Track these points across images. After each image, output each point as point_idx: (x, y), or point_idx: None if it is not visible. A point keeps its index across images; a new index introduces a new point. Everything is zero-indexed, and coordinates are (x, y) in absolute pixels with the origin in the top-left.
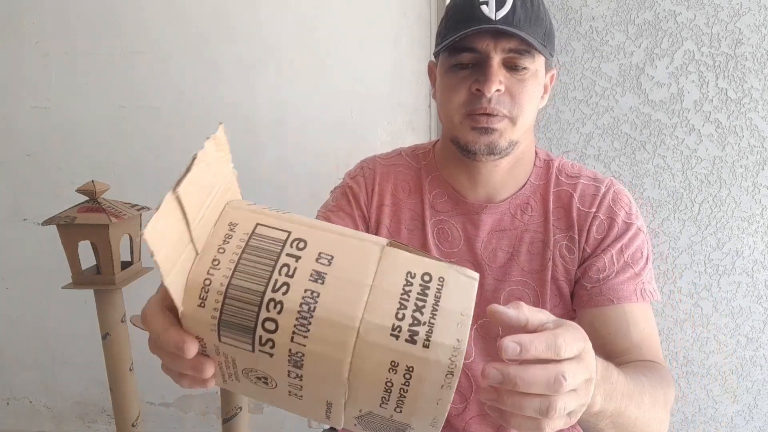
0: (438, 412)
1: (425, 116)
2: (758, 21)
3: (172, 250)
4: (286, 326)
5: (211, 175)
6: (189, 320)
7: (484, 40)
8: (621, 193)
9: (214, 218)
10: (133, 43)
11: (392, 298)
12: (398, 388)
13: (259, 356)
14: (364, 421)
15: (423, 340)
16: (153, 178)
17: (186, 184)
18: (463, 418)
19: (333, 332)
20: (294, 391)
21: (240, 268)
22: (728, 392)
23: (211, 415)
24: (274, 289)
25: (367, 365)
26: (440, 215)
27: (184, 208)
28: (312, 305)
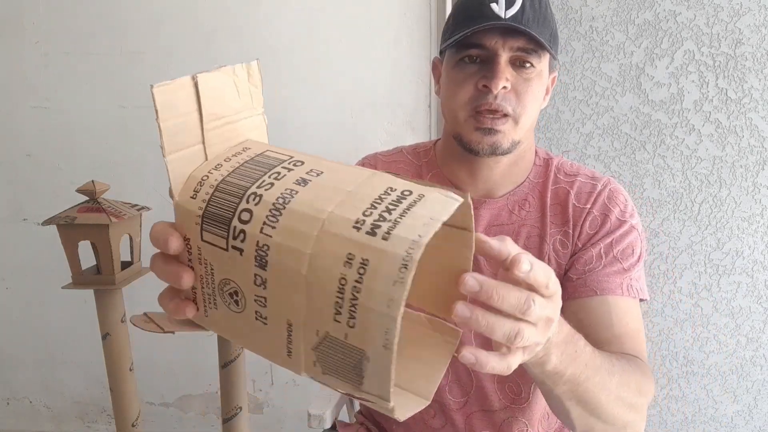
0: (389, 321)
1: (425, 116)
2: (758, 21)
3: (180, 135)
4: (258, 216)
5: (238, 101)
6: (180, 211)
7: (493, 38)
8: (617, 191)
9: (231, 140)
10: (133, 43)
11: (365, 201)
12: (351, 287)
13: (231, 255)
14: (321, 352)
15: (383, 233)
16: (153, 178)
17: (206, 77)
18: (465, 412)
19: (300, 224)
20: (259, 311)
21: (237, 171)
22: (728, 392)
23: (211, 415)
24: (258, 186)
25: (325, 260)
26: None
27: (200, 97)
28: (287, 200)
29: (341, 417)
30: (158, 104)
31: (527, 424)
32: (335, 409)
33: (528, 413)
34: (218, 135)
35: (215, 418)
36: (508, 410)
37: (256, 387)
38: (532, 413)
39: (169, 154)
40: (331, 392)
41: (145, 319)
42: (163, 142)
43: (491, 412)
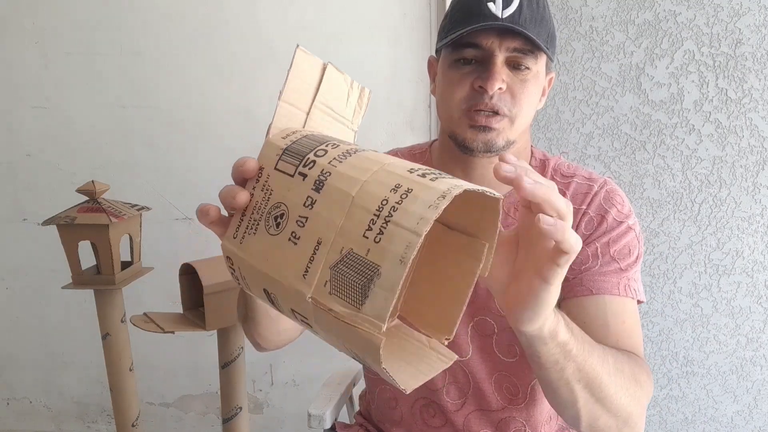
0: (413, 237)
1: (425, 116)
2: (758, 21)
3: (297, 95)
4: (331, 154)
5: (344, 108)
6: (268, 145)
7: (490, 38)
8: (614, 192)
9: (325, 129)
10: (133, 43)
11: (420, 169)
12: (390, 207)
13: (295, 180)
14: (337, 271)
15: (433, 177)
16: (153, 178)
17: (332, 71)
18: (463, 413)
19: (364, 162)
20: (295, 232)
21: (324, 134)
22: (728, 392)
23: (211, 415)
24: (337, 142)
25: (374, 187)
26: None
27: (321, 81)
28: (359, 150)
29: (341, 418)
30: (296, 61)
31: (525, 424)
32: (335, 409)
33: (525, 414)
34: (319, 117)
35: (215, 418)
36: (505, 410)
37: (256, 387)
38: (529, 414)
39: (283, 101)
40: (331, 392)
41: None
42: (284, 89)
43: (489, 412)
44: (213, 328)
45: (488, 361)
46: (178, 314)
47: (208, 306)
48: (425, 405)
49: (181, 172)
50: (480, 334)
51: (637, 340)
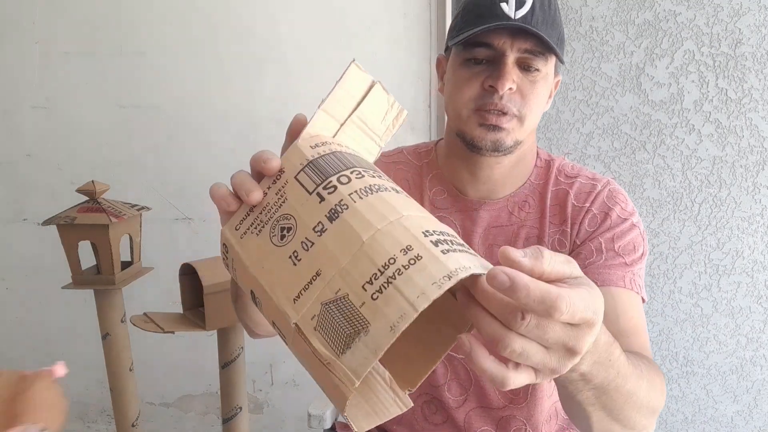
0: (410, 309)
1: (425, 116)
2: (758, 21)
3: (337, 106)
4: (353, 185)
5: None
6: (294, 150)
7: (501, 38)
8: (617, 191)
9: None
10: (133, 43)
11: (438, 227)
12: (396, 269)
13: (310, 199)
14: (327, 310)
15: (444, 249)
16: (153, 178)
17: (378, 91)
18: (464, 410)
19: (382, 207)
20: (298, 252)
21: (353, 155)
22: (728, 392)
23: (211, 415)
24: (364, 170)
25: (386, 240)
26: (440, 212)
27: (364, 98)
28: (381, 189)
29: (341, 418)
30: (347, 74)
31: (526, 423)
32: (335, 409)
33: (526, 412)
34: (352, 130)
35: (215, 418)
36: (506, 409)
37: (256, 387)
38: (530, 413)
39: (323, 110)
40: None
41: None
42: (327, 99)
43: (490, 409)
44: (213, 328)
45: None
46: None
47: (208, 306)
48: (426, 402)
49: (181, 172)
50: None
51: (645, 337)
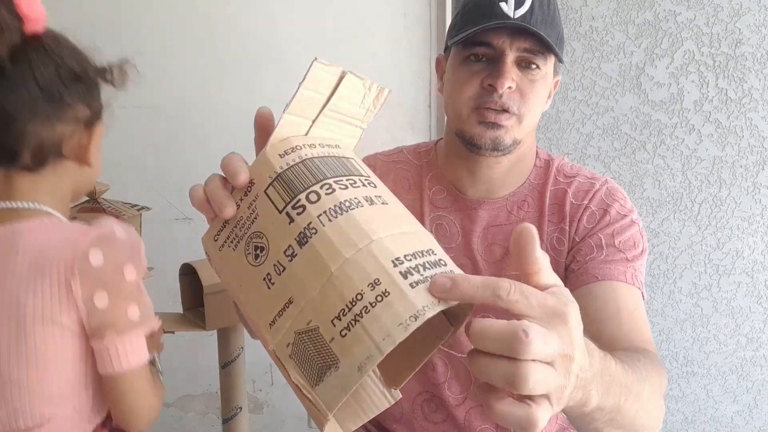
0: (376, 351)
1: (425, 116)
2: (758, 21)
3: (305, 104)
4: (323, 204)
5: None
6: (262, 160)
7: (501, 37)
8: (616, 189)
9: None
10: (133, 43)
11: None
12: (363, 306)
13: (280, 218)
14: (300, 340)
15: (413, 281)
16: (153, 178)
17: (351, 80)
18: (464, 408)
19: (352, 231)
20: (271, 276)
21: (325, 159)
22: (728, 392)
23: (211, 415)
24: (335, 181)
25: (354, 272)
26: (439, 211)
27: (336, 89)
28: (353, 207)
29: None
30: (310, 74)
31: None
32: None
33: None
34: (327, 123)
35: (215, 418)
36: None
37: (256, 387)
38: None
39: (288, 113)
40: None
41: None
42: (291, 102)
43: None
44: (213, 328)
45: None
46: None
47: (208, 306)
48: (426, 400)
49: (181, 172)
50: None
51: (647, 331)
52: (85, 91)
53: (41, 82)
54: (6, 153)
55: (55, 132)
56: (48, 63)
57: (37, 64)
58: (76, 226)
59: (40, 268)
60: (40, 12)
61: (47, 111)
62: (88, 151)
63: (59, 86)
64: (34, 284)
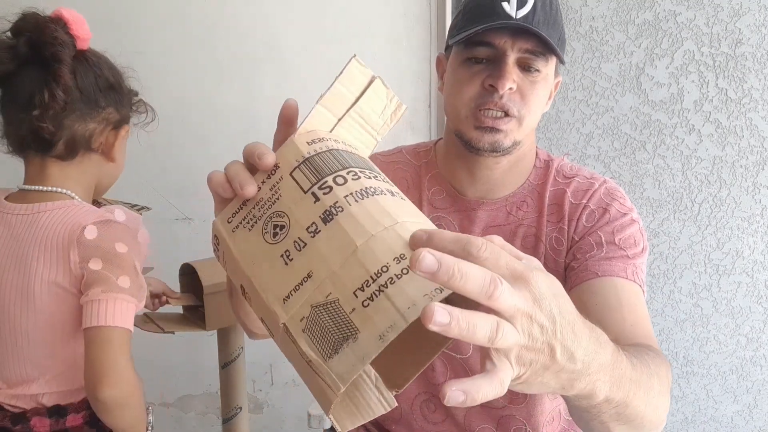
0: (400, 319)
1: (425, 116)
2: (758, 21)
3: (336, 101)
4: (349, 187)
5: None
6: (290, 145)
7: (502, 37)
8: (615, 189)
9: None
10: (133, 43)
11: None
12: (388, 277)
13: (305, 198)
14: (317, 312)
15: None
16: (153, 178)
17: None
18: (463, 409)
19: (377, 212)
20: (290, 252)
21: (349, 153)
22: (728, 392)
23: (211, 415)
24: (360, 171)
25: (380, 246)
26: (438, 212)
27: (365, 92)
28: (377, 193)
29: None
30: (346, 71)
31: (525, 423)
32: None
33: (526, 413)
34: (350, 125)
35: (215, 418)
36: (506, 408)
37: (256, 387)
38: (530, 413)
39: (321, 105)
40: None
41: (145, 319)
42: (326, 94)
43: (490, 408)
44: (213, 328)
45: None
46: (178, 314)
47: (208, 306)
48: (426, 400)
49: (181, 172)
50: None
51: (649, 326)
52: (116, 99)
53: (81, 86)
54: (45, 142)
55: (88, 128)
56: (89, 72)
57: (81, 73)
58: (87, 209)
59: (49, 241)
60: (87, 33)
61: (83, 110)
62: (113, 148)
63: (96, 91)
64: (43, 253)
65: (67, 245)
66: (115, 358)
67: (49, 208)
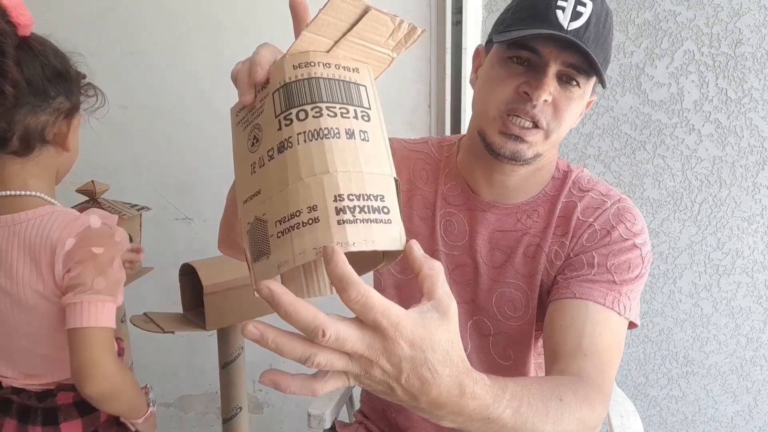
0: (291, 261)
1: (425, 116)
2: (758, 21)
3: (324, 28)
4: (306, 125)
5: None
6: (279, 64)
7: (548, 47)
8: (626, 210)
9: (356, 55)
10: (133, 43)
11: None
12: (297, 222)
13: (274, 123)
14: (254, 224)
15: (343, 219)
16: (153, 178)
17: (375, 15)
18: None
19: (316, 158)
20: (255, 166)
21: (333, 83)
22: (728, 392)
23: (211, 415)
24: (328, 107)
25: (302, 192)
26: (450, 207)
27: (359, 21)
28: (330, 137)
29: (341, 417)
30: (330, 4)
31: None
32: (335, 409)
33: None
34: (351, 46)
35: (215, 418)
36: None
37: (256, 387)
38: None
39: (308, 31)
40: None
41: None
42: (311, 22)
43: None
44: (213, 328)
45: (485, 361)
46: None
47: (208, 306)
48: None
49: (181, 172)
50: (478, 333)
51: (607, 359)
52: (65, 87)
53: (29, 77)
54: None
55: (40, 121)
56: (35, 61)
57: (26, 63)
58: (68, 219)
59: (35, 253)
60: (28, 18)
61: (33, 102)
62: (67, 138)
63: (44, 81)
64: (29, 265)
65: (51, 260)
66: (97, 356)
67: (30, 217)
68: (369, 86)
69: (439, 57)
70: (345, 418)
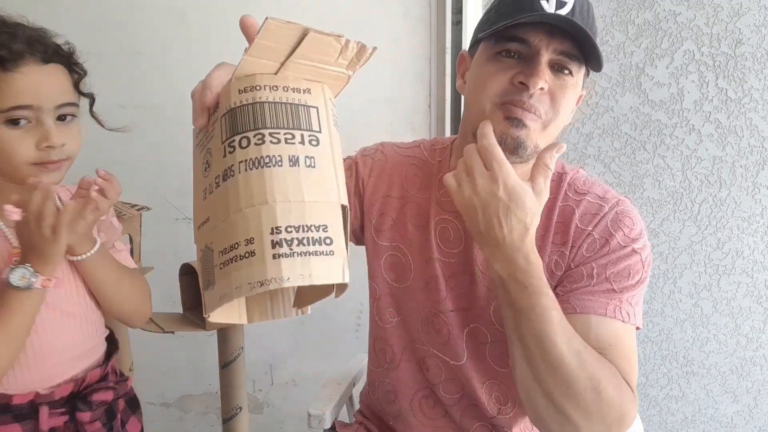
0: (229, 294)
1: (425, 117)
2: (758, 21)
3: (265, 52)
4: (248, 153)
5: (332, 61)
6: (226, 89)
7: (538, 35)
8: (625, 214)
9: (307, 75)
10: (133, 43)
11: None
12: (235, 255)
13: (221, 149)
14: (204, 252)
15: (279, 253)
16: (153, 178)
17: (315, 38)
18: (459, 407)
19: (256, 188)
20: (206, 192)
21: (279, 107)
22: (728, 392)
23: (211, 415)
24: (271, 133)
25: (241, 224)
26: (445, 214)
27: (299, 45)
28: (271, 165)
29: (341, 417)
30: (264, 28)
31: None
32: (335, 409)
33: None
34: (297, 68)
35: (215, 418)
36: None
37: (256, 387)
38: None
39: (249, 56)
40: (331, 392)
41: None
42: (250, 48)
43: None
44: (213, 328)
45: (481, 369)
46: (178, 314)
47: None
48: (425, 396)
49: (182, 172)
50: (475, 341)
51: (624, 364)
52: None
53: None
54: None
55: None
56: None
57: None
58: None
59: None
60: None
61: None
62: None
63: None
64: None
65: None
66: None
67: None
68: (321, 107)
69: (439, 57)
70: (345, 418)
